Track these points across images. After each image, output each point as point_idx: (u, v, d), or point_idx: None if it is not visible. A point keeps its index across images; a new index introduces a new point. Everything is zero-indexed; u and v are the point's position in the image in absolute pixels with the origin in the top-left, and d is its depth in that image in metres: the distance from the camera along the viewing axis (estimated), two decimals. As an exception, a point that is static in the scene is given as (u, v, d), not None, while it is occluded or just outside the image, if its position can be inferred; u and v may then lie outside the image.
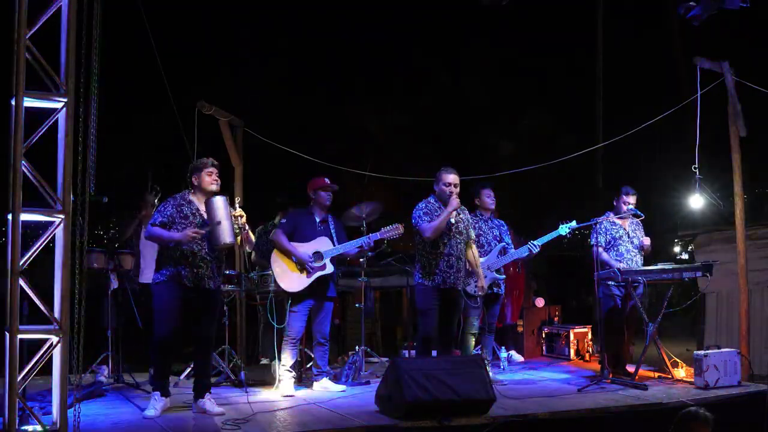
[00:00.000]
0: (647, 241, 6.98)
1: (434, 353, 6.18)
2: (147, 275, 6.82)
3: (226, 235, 5.25)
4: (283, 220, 6.36)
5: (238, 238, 5.48)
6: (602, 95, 13.76)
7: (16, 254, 4.24)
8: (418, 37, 14.42)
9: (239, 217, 5.43)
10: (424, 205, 6.11)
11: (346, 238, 6.37)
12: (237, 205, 5.50)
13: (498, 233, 6.96)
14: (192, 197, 5.43)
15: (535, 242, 6.79)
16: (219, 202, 5.27)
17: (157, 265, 5.40)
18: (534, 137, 12.93)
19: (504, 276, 6.89)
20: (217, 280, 5.45)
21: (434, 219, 5.97)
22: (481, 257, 6.78)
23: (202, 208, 5.38)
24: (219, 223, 5.22)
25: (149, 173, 7.24)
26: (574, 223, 6.85)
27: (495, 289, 6.83)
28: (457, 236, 6.04)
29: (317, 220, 6.34)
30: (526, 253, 6.82)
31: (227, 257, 6.87)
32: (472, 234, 6.28)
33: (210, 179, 5.40)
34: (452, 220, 6.01)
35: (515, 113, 13.44)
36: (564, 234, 6.88)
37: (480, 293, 6.38)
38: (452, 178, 6.04)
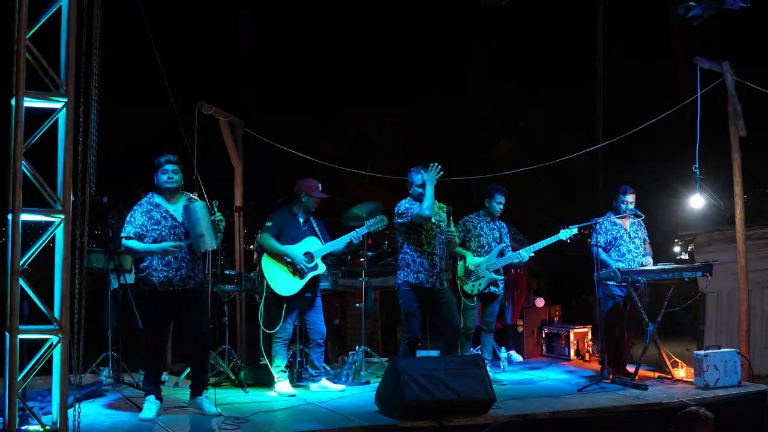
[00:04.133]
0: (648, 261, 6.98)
1: (435, 353, 6.18)
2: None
3: (207, 242, 5.23)
4: (269, 223, 6.29)
5: (219, 241, 5.45)
6: (602, 95, 13.74)
7: (16, 254, 4.24)
8: (418, 36, 14.42)
9: (219, 222, 5.36)
10: (407, 200, 6.12)
11: (329, 237, 6.38)
12: (215, 209, 5.40)
13: (498, 234, 6.97)
14: (158, 198, 5.37)
15: (535, 245, 6.83)
16: (199, 210, 5.22)
17: (137, 271, 5.36)
18: (534, 137, 12.91)
19: (502, 277, 6.90)
20: (198, 278, 5.42)
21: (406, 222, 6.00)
22: (481, 257, 6.79)
23: (171, 208, 5.35)
24: (202, 234, 5.18)
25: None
26: (575, 230, 6.88)
27: (493, 289, 6.83)
28: (439, 235, 6.05)
29: (301, 220, 6.34)
30: (526, 258, 6.83)
31: (227, 257, 6.88)
32: (453, 229, 6.28)
33: (165, 178, 5.33)
34: (433, 219, 6.02)
35: (515, 113, 13.43)
36: (564, 239, 6.90)
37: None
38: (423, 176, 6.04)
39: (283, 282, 6.13)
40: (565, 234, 6.85)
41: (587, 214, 7.22)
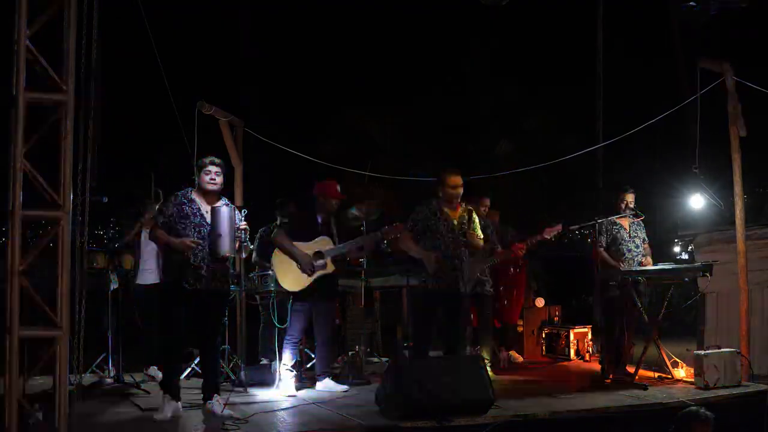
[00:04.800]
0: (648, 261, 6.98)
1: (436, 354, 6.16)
2: (146, 276, 6.83)
3: (226, 247, 5.23)
4: (286, 220, 6.37)
5: (244, 250, 5.47)
6: (602, 95, 13.73)
7: (15, 254, 4.24)
8: (418, 36, 14.43)
9: (243, 230, 5.40)
10: (421, 206, 6.10)
11: (348, 239, 6.37)
12: (242, 217, 5.45)
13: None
14: (195, 195, 5.40)
15: (520, 245, 6.83)
16: (224, 213, 5.24)
17: (162, 268, 5.42)
18: (534, 137, 12.92)
19: (488, 277, 6.91)
20: (221, 282, 5.41)
21: (418, 226, 5.99)
22: None
23: (204, 207, 5.37)
24: (220, 235, 5.20)
25: (152, 174, 7.19)
26: (559, 228, 6.88)
27: (479, 289, 6.83)
28: (461, 238, 6.02)
29: (319, 220, 6.35)
30: (511, 255, 6.85)
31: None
32: (479, 233, 6.26)
33: (207, 179, 5.36)
34: (455, 222, 6.01)
35: (515, 113, 13.44)
36: (549, 237, 6.91)
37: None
38: (456, 179, 6.00)
39: (291, 278, 6.14)
40: (549, 233, 6.87)
41: (587, 214, 7.21)
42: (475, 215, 6.21)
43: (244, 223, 5.43)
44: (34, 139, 4.37)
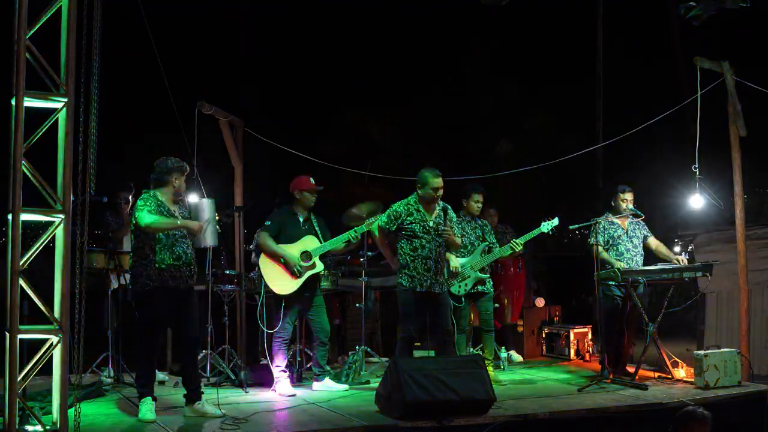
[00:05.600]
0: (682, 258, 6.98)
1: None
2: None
3: (209, 238, 5.32)
4: (267, 222, 6.29)
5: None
6: (602, 95, 13.74)
7: (16, 254, 4.24)
8: (418, 36, 14.42)
9: (218, 220, 5.46)
10: (397, 205, 6.06)
11: (330, 235, 6.38)
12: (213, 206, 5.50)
13: (481, 233, 6.99)
14: (162, 197, 5.35)
15: (518, 240, 6.80)
16: (210, 204, 5.31)
17: (144, 270, 5.20)
18: (534, 137, 12.92)
19: (488, 275, 6.91)
20: (194, 279, 5.46)
21: (392, 225, 6.00)
22: (464, 257, 6.79)
23: (172, 207, 5.36)
24: (212, 229, 5.27)
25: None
26: (556, 221, 6.86)
27: (480, 288, 6.83)
28: (437, 238, 6.00)
29: (301, 219, 6.34)
30: (509, 252, 6.83)
31: (228, 257, 6.90)
32: (458, 240, 6.22)
33: (185, 183, 5.46)
34: (431, 223, 6.00)
35: (515, 113, 13.44)
36: (546, 231, 6.88)
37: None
38: (439, 182, 5.96)
39: (279, 281, 6.13)
40: (546, 227, 6.85)
41: (587, 213, 7.21)
42: (451, 213, 6.09)
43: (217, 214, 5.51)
44: (34, 139, 4.38)
